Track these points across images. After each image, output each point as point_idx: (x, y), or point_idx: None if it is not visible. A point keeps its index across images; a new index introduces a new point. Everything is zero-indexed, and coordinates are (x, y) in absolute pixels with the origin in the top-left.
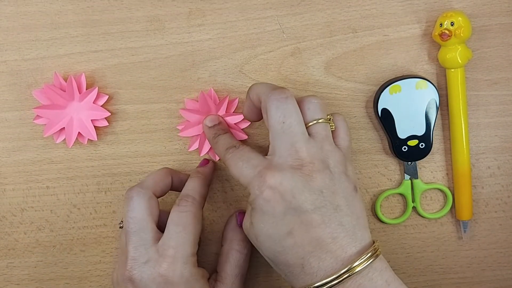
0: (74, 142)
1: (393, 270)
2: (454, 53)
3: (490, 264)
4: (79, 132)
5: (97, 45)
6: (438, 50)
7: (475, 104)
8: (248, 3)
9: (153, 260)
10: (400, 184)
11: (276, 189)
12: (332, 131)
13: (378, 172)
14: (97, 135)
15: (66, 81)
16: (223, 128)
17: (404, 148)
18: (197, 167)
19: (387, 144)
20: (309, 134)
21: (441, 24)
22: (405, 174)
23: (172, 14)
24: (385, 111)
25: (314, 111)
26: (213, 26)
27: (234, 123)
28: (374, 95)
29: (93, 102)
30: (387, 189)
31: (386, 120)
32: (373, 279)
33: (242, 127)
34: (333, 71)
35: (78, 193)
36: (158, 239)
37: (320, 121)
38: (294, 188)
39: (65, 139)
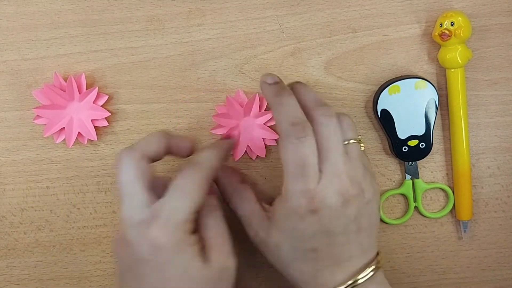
0: (74, 142)
1: (393, 270)
2: (454, 53)
3: (490, 264)
4: (79, 132)
5: (97, 45)
6: (438, 50)
7: (475, 104)
8: (248, 3)
9: (145, 222)
10: (400, 184)
11: (316, 213)
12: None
13: (379, 172)
14: (97, 135)
15: (66, 81)
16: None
17: (404, 149)
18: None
19: (387, 144)
20: None
21: (441, 24)
22: (406, 174)
23: (172, 14)
24: (385, 111)
25: (348, 130)
26: (213, 26)
27: (264, 123)
28: (373, 95)
29: (93, 102)
30: (389, 189)
31: (385, 120)
32: None
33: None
34: (333, 71)
35: (78, 193)
36: (152, 202)
37: (353, 141)
38: (334, 215)
39: (65, 139)
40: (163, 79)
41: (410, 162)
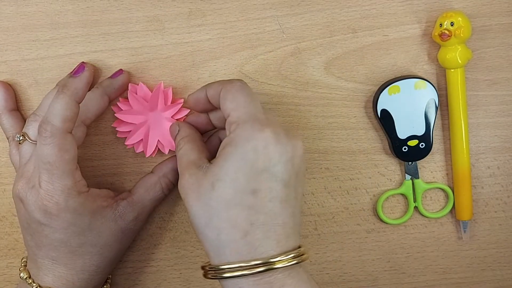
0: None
1: (393, 270)
2: (454, 53)
3: (490, 264)
4: (158, 140)
5: (97, 45)
6: (438, 50)
7: (475, 104)
8: (248, 3)
9: (36, 188)
10: (400, 184)
11: (274, 144)
12: None
13: (378, 172)
14: (97, 135)
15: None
16: (183, 136)
17: (404, 149)
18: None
19: (387, 144)
20: None
21: (441, 24)
22: (406, 174)
23: (172, 14)
24: (385, 112)
25: None
26: (213, 26)
27: (172, 116)
28: (373, 95)
29: (173, 116)
30: (388, 189)
31: (385, 121)
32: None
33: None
34: (333, 71)
35: None
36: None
37: None
38: (280, 157)
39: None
40: (163, 79)
41: (410, 162)
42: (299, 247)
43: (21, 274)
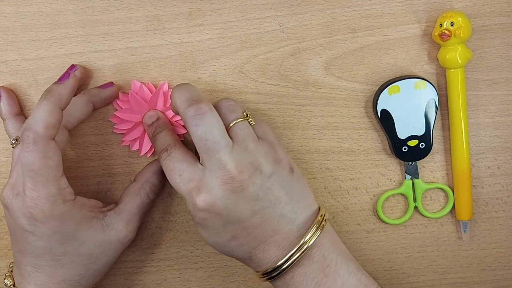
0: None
1: (393, 270)
2: (454, 53)
3: (490, 264)
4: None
5: (97, 45)
6: (438, 50)
7: (475, 104)
8: (248, 3)
9: (21, 195)
10: (400, 184)
11: (210, 210)
12: (253, 125)
13: (378, 172)
14: (97, 135)
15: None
16: (160, 125)
17: (404, 149)
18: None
19: (387, 144)
20: (231, 138)
21: (441, 24)
22: (406, 174)
23: (172, 14)
24: (385, 112)
25: (228, 113)
26: (213, 26)
27: (170, 118)
28: (373, 95)
29: (172, 117)
30: (388, 189)
31: (385, 121)
32: (310, 255)
33: (178, 119)
34: (333, 71)
35: (78, 193)
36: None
37: (238, 120)
38: (228, 204)
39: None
40: (163, 79)
41: (410, 162)
42: (318, 209)
43: (6, 281)
